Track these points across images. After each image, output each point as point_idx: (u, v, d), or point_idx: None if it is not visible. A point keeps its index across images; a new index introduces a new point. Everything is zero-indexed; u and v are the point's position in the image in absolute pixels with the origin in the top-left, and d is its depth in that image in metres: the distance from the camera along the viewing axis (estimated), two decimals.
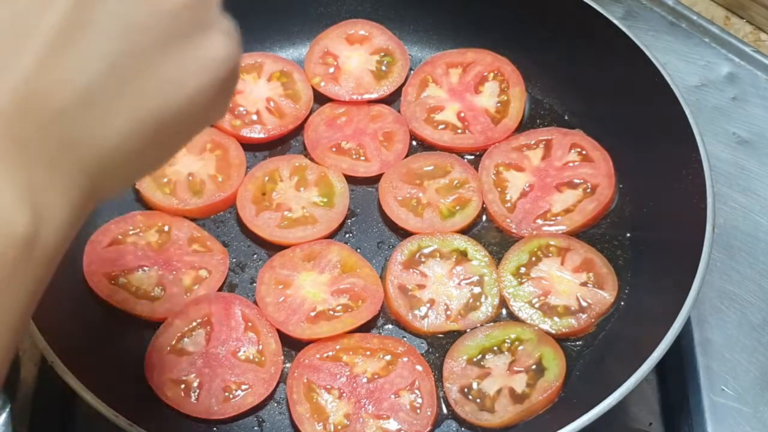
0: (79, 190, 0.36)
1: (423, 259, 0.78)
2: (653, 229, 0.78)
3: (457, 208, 0.81)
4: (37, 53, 0.34)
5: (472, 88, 0.88)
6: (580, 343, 0.74)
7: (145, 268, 0.77)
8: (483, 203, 0.81)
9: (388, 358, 0.72)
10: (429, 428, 0.69)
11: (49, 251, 0.34)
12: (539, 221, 0.80)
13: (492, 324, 0.75)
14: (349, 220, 0.81)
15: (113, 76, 0.35)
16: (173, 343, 0.73)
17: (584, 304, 0.75)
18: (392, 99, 0.89)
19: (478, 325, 0.74)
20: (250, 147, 0.85)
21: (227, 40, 0.40)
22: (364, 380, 0.71)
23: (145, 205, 0.81)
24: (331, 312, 0.75)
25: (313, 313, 0.74)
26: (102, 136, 0.36)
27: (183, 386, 0.71)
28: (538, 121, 0.87)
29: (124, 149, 0.37)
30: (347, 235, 0.81)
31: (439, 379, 0.72)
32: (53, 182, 0.34)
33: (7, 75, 0.34)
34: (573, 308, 0.75)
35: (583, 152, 0.83)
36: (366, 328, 0.75)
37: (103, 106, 0.35)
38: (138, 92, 0.36)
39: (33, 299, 0.35)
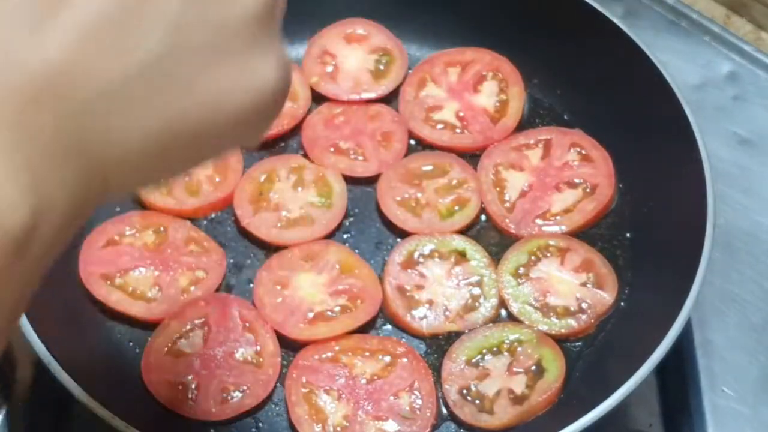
0: (86, 187, 0.33)
1: (421, 260, 0.77)
2: (653, 229, 0.78)
3: (456, 208, 0.81)
4: (75, 34, 0.31)
5: (471, 87, 0.88)
6: (580, 343, 0.74)
7: (142, 269, 0.76)
8: (482, 203, 0.81)
9: (387, 359, 0.72)
10: (428, 430, 0.69)
11: (46, 249, 0.32)
12: (539, 221, 0.80)
13: (491, 325, 0.74)
14: (347, 221, 0.81)
15: (151, 75, 0.33)
16: (170, 344, 0.72)
17: (584, 304, 0.74)
18: (391, 98, 0.88)
19: (477, 325, 0.74)
20: None
21: (281, 67, 0.37)
22: (363, 381, 0.71)
23: (141, 205, 0.81)
24: (330, 313, 0.74)
25: (311, 314, 0.74)
26: (122, 136, 0.33)
27: (180, 388, 0.70)
28: (537, 120, 0.87)
29: (142, 154, 0.34)
30: (345, 236, 0.80)
31: (438, 381, 0.72)
32: (60, 177, 0.32)
33: (32, 53, 0.31)
34: (573, 309, 0.74)
35: (583, 152, 0.83)
36: (365, 329, 0.74)
37: (132, 105, 0.33)
38: (173, 99, 0.34)
39: (23, 299, 0.33)
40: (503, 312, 0.76)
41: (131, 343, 0.74)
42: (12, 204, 0.30)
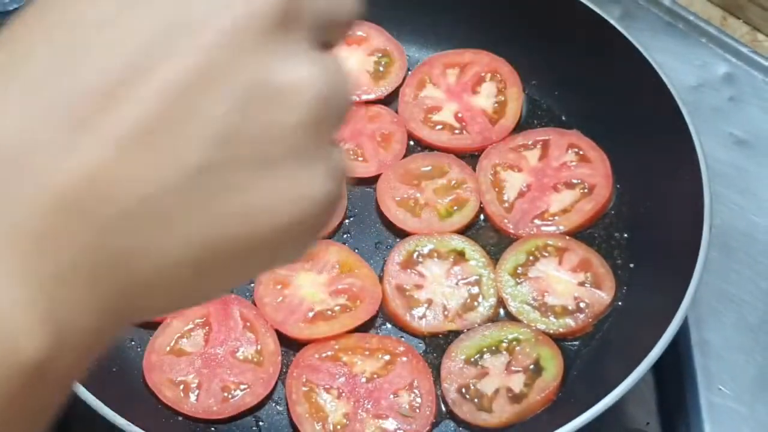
0: (111, 310, 0.30)
1: (421, 260, 0.78)
2: (650, 229, 0.78)
3: (455, 208, 0.81)
4: (113, 141, 0.28)
5: (470, 88, 0.88)
6: (578, 343, 0.74)
7: None
8: (481, 203, 0.81)
9: (386, 358, 0.73)
10: (427, 428, 0.70)
11: (63, 381, 0.29)
12: (537, 221, 0.80)
13: (490, 324, 0.75)
14: (347, 221, 0.81)
15: (192, 188, 0.29)
16: (172, 343, 0.73)
17: (582, 304, 0.75)
18: (390, 99, 0.89)
19: (476, 325, 0.75)
20: None
21: (331, 180, 0.33)
22: (363, 380, 0.71)
23: None
24: (330, 312, 0.75)
25: (311, 314, 0.75)
26: (156, 252, 0.30)
27: (182, 386, 0.71)
28: (535, 121, 0.88)
29: (176, 273, 0.31)
30: (345, 236, 0.81)
31: (437, 379, 0.72)
32: (84, 299, 0.28)
33: (67, 158, 0.28)
34: (570, 308, 0.75)
35: (581, 152, 0.83)
36: (364, 328, 0.75)
37: (170, 219, 0.29)
38: (214, 213, 0.30)
39: (37, 429, 0.30)
40: (502, 311, 0.76)
41: (133, 342, 0.74)
42: (28, 331, 0.27)
